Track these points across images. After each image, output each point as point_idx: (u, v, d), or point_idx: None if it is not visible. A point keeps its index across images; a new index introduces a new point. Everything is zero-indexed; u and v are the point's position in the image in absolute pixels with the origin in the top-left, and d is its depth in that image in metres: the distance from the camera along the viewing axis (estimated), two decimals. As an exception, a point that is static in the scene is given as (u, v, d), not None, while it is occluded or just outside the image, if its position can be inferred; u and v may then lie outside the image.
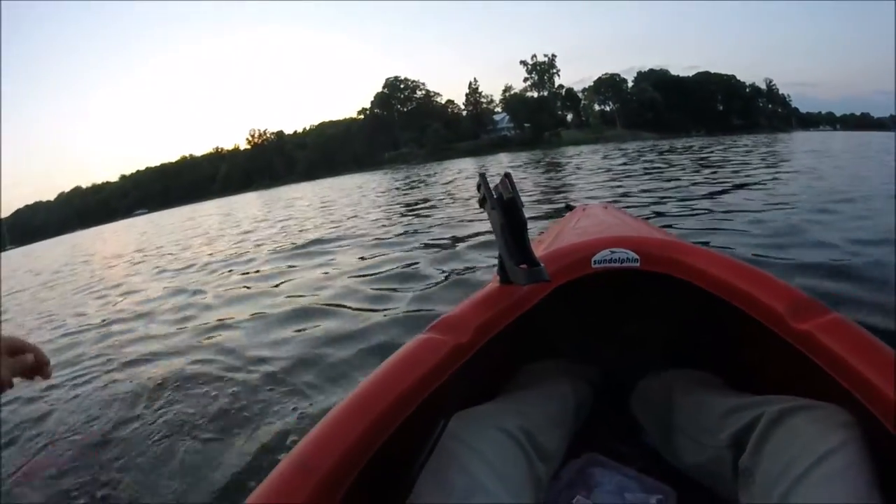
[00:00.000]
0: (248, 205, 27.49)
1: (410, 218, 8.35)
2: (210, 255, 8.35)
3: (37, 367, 0.75)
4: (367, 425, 0.77)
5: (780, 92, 78.50)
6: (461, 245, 5.15)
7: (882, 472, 0.71)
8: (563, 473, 1.02)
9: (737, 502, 0.83)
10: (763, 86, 76.16)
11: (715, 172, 10.46)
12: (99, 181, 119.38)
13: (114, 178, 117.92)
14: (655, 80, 69.71)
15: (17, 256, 29.11)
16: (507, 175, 0.93)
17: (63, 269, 12.19)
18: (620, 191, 8.53)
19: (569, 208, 2.41)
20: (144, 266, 8.84)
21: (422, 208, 9.65)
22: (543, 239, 1.76)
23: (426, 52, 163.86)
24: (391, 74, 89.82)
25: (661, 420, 1.08)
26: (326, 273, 4.99)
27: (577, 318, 1.36)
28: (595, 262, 1.13)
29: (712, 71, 73.12)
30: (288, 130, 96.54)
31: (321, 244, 6.90)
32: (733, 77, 72.16)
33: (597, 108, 76.90)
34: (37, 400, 2.84)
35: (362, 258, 5.43)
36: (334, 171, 71.41)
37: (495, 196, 0.95)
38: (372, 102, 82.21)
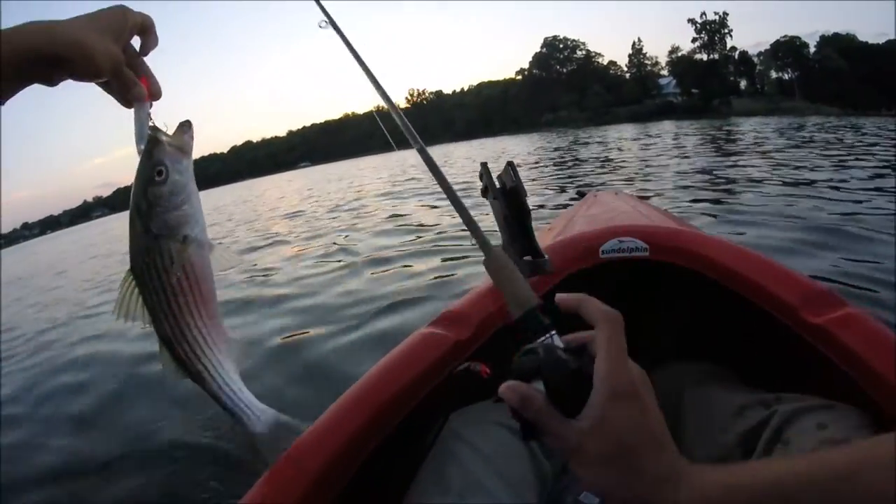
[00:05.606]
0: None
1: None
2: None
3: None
4: (365, 423, 0.77)
5: None
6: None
7: None
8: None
9: None
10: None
11: None
12: (268, 136, 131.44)
13: (282, 133, 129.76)
14: (842, 47, 58.84)
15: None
16: (511, 163, 0.90)
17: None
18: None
19: (580, 195, 2.40)
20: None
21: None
22: (554, 226, 1.75)
23: (587, 9, 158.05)
24: (550, 34, 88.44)
25: (669, 414, 1.02)
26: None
27: None
28: (604, 251, 1.11)
29: (904, 39, 62.81)
30: (447, 90, 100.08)
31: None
32: (929, 48, 62.26)
33: (773, 75, 67.35)
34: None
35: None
36: (491, 132, 72.74)
37: (498, 185, 0.91)
38: (530, 63, 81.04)
